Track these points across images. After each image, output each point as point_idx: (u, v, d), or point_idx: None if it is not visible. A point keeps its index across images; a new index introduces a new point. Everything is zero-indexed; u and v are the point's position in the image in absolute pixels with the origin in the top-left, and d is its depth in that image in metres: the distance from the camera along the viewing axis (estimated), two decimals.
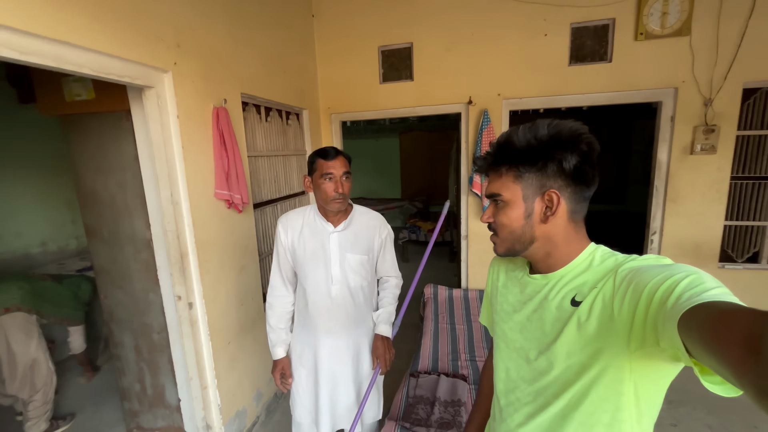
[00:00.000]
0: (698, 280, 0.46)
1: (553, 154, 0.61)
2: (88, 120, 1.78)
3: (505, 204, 0.66)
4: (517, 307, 0.72)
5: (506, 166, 0.65)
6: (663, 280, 0.48)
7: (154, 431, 2.07)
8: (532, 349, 0.67)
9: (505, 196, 0.65)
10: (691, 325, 0.40)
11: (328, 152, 1.29)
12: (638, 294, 0.51)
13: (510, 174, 0.65)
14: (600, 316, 0.57)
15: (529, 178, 0.63)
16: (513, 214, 0.65)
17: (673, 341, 0.43)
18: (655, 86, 2.56)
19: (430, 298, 3.03)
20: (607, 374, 0.57)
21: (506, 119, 2.87)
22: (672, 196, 2.64)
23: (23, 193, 3.17)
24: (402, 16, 2.88)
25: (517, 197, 0.64)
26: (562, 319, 0.62)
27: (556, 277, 0.66)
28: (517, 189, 0.64)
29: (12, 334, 2.04)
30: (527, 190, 0.64)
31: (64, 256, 3.50)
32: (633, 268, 0.56)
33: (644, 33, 2.50)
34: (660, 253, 2.71)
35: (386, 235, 1.45)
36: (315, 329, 1.40)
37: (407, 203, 6.51)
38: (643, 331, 0.50)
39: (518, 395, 0.71)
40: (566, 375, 0.62)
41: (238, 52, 1.97)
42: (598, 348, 0.57)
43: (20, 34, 1.00)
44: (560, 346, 0.61)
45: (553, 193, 0.62)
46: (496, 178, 0.67)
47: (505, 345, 0.75)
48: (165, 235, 1.63)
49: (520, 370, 0.71)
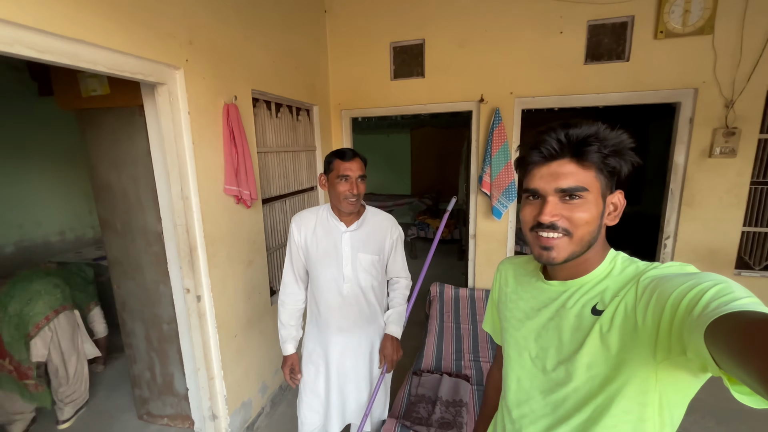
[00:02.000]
0: (727, 289, 0.44)
1: (629, 160, 0.60)
2: (103, 115, 1.82)
3: (584, 200, 0.60)
4: (531, 315, 0.69)
5: (595, 156, 0.59)
6: (689, 288, 0.47)
7: (163, 418, 2.14)
8: (550, 359, 0.65)
9: (591, 191, 0.60)
10: (718, 335, 0.39)
11: (346, 153, 1.31)
12: (663, 303, 0.49)
13: (593, 167, 0.60)
14: (623, 326, 0.55)
15: (606, 177, 0.61)
16: (594, 211, 0.60)
17: (699, 351, 0.42)
18: (675, 86, 2.48)
19: (436, 296, 3.03)
20: (632, 386, 0.55)
21: (518, 118, 2.82)
22: (688, 200, 2.57)
23: (43, 184, 3.27)
24: (414, 12, 2.85)
25: (597, 194, 0.60)
26: (582, 328, 0.60)
27: (576, 284, 0.64)
28: (597, 185, 0.60)
29: (63, 335, 2.04)
30: (605, 188, 0.61)
31: (81, 244, 3.62)
32: (656, 276, 0.54)
33: (664, 31, 2.42)
34: (673, 258, 2.65)
35: (397, 236, 1.46)
36: (327, 327, 1.43)
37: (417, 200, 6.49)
38: (668, 340, 0.48)
39: (533, 406, 0.68)
40: (587, 387, 0.59)
41: (250, 48, 1.98)
42: (621, 359, 0.55)
43: (37, 32, 1.03)
44: (582, 357, 0.59)
45: (620, 194, 0.62)
46: (577, 170, 0.60)
47: (517, 354, 0.72)
48: (175, 228, 1.67)
49: (534, 380, 0.68)
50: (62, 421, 2.12)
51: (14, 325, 1.90)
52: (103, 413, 2.28)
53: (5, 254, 3.02)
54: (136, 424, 2.18)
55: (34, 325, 1.93)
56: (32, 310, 1.93)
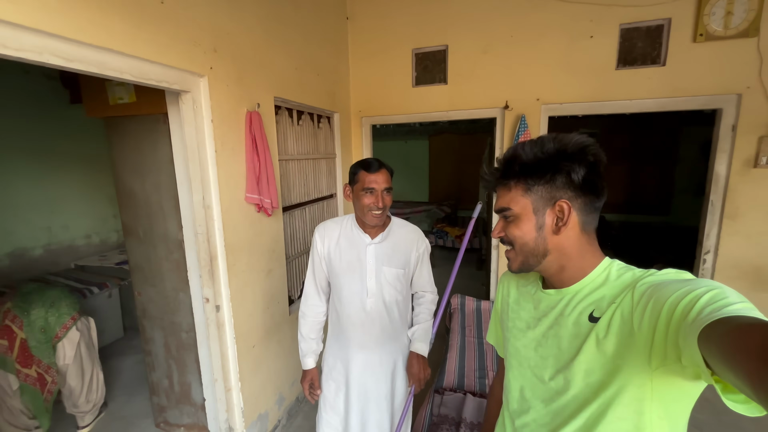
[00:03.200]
0: (721, 295, 0.45)
1: (561, 166, 0.61)
2: (128, 122, 1.83)
3: (515, 218, 0.66)
4: (531, 324, 0.71)
5: (515, 179, 0.65)
6: (684, 294, 0.47)
7: (180, 427, 2.12)
8: (549, 368, 0.66)
9: (515, 210, 0.66)
10: (711, 339, 0.39)
11: (371, 164, 1.25)
12: (658, 309, 0.49)
13: (519, 187, 0.65)
14: (619, 332, 0.56)
15: (538, 191, 0.64)
16: (525, 227, 0.65)
17: (693, 357, 0.42)
18: (715, 92, 2.33)
19: (456, 308, 2.93)
20: (627, 392, 0.55)
21: (545, 125, 2.72)
22: (730, 212, 2.40)
23: (71, 188, 3.35)
24: (437, 17, 2.80)
25: (527, 210, 0.65)
26: (580, 335, 0.61)
27: (571, 291, 0.65)
28: (527, 202, 0.65)
29: (83, 338, 2.06)
30: (537, 202, 0.64)
31: (105, 248, 3.69)
32: (652, 283, 0.54)
33: (704, 34, 2.29)
34: (714, 274, 2.48)
35: (424, 249, 1.40)
36: (348, 342, 1.38)
37: (435, 207, 6.39)
38: (664, 347, 0.49)
39: (534, 416, 0.69)
40: (584, 394, 0.60)
41: (272, 55, 1.97)
42: (617, 365, 0.56)
43: (65, 41, 1.02)
44: (579, 364, 0.60)
45: (563, 203, 0.63)
46: (505, 193, 0.68)
47: (518, 363, 0.73)
48: (196, 237, 1.65)
49: (534, 389, 0.69)
50: (82, 427, 2.13)
51: (39, 329, 1.92)
52: (122, 419, 2.28)
53: (34, 257, 3.10)
54: (153, 431, 2.17)
55: (62, 326, 1.96)
56: (57, 312, 1.96)
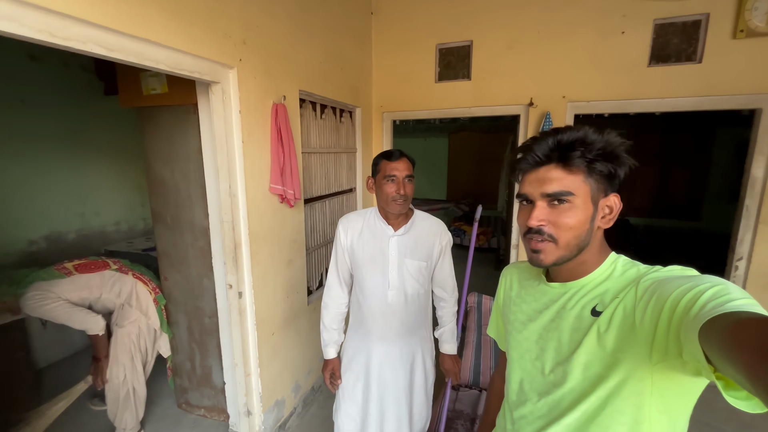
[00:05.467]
0: (724, 291, 0.45)
1: (624, 160, 0.60)
2: (160, 112, 1.90)
3: (572, 205, 0.60)
4: (533, 317, 0.70)
5: (578, 163, 0.60)
6: (687, 290, 0.47)
7: (200, 408, 2.19)
8: (548, 360, 0.66)
9: (578, 195, 0.60)
10: (711, 334, 0.39)
11: (393, 153, 1.29)
12: (661, 304, 0.49)
13: (581, 172, 0.60)
14: (620, 326, 0.55)
15: (596, 180, 0.61)
16: (580, 216, 0.60)
17: (694, 352, 0.42)
18: (755, 91, 2.22)
19: (473, 307, 2.91)
20: (626, 386, 0.55)
21: (570, 123, 2.66)
22: (766, 217, 2.29)
23: (103, 177, 3.50)
24: (462, 12, 2.77)
25: (587, 198, 0.61)
26: (581, 329, 0.61)
27: (576, 286, 0.64)
28: (586, 189, 0.61)
29: None
30: (595, 192, 0.61)
31: (132, 235, 3.84)
32: (656, 279, 0.54)
33: (745, 30, 2.18)
34: (746, 282, 2.37)
35: (446, 242, 1.40)
36: (368, 334, 1.39)
37: (453, 205, 6.34)
38: (665, 341, 0.49)
39: (531, 408, 0.69)
40: (582, 387, 0.60)
41: (298, 49, 2.00)
42: (617, 359, 0.55)
43: (108, 31, 1.07)
44: (578, 357, 0.60)
45: (616, 197, 0.62)
46: (564, 175, 0.60)
47: (519, 356, 0.73)
48: (221, 225, 1.70)
49: (533, 382, 0.69)
50: None
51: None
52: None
53: (68, 241, 3.26)
54: (175, 411, 2.25)
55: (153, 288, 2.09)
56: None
